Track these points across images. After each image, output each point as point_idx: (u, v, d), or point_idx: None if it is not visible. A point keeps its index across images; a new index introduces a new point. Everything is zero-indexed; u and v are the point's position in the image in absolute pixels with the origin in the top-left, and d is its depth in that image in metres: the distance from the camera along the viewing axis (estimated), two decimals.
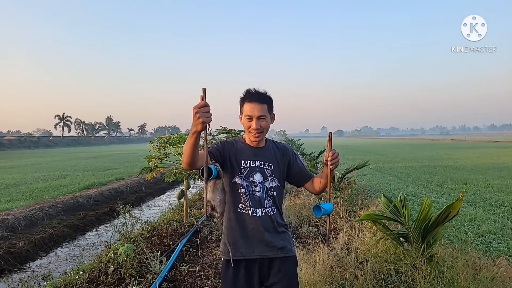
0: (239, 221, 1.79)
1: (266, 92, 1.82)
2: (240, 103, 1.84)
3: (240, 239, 1.78)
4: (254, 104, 1.75)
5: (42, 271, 5.47)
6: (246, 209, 1.79)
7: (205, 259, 4.33)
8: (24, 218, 7.64)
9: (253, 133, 1.79)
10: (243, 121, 1.82)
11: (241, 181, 1.80)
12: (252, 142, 1.86)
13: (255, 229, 1.78)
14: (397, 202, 3.39)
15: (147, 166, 5.98)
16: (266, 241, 1.79)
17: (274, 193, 1.84)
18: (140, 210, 10.01)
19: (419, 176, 12.12)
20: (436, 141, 65.91)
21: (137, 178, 13.32)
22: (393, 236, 3.37)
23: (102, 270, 3.91)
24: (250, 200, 1.79)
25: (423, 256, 3.15)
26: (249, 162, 1.82)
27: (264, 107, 1.77)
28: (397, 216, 3.41)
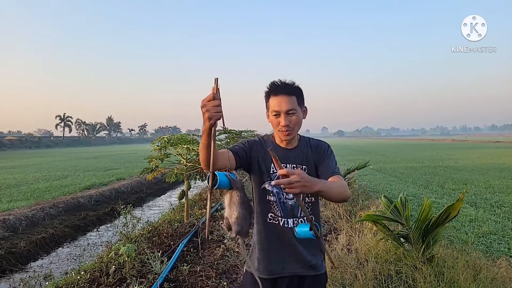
0: (269, 233, 1.61)
1: (294, 83, 1.58)
2: (265, 98, 1.63)
3: (270, 254, 1.61)
4: (281, 97, 1.53)
5: (43, 271, 5.49)
6: (276, 219, 1.60)
7: (206, 259, 4.34)
8: (25, 218, 7.66)
9: (282, 131, 1.57)
10: (270, 119, 1.61)
11: (271, 187, 1.60)
12: (282, 141, 1.66)
13: (287, 242, 1.58)
14: (397, 203, 3.40)
15: (148, 167, 5.99)
16: (298, 256, 1.60)
17: (312, 199, 1.64)
18: (141, 210, 10.03)
19: (420, 176, 12.12)
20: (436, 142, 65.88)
21: (138, 178, 13.33)
22: (394, 236, 3.38)
23: (104, 270, 3.93)
24: (281, 209, 1.59)
25: (423, 257, 3.16)
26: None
27: (293, 100, 1.55)
28: (398, 217, 3.42)
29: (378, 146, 46.76)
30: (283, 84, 1.57)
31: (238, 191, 1.35)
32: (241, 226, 1.34)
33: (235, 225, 1.33)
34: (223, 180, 1.30)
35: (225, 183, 1.31)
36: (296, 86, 1.58)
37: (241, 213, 1.33)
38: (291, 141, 1.66)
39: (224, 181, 1.30)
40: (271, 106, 1.58)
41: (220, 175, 1.30)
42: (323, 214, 5.56)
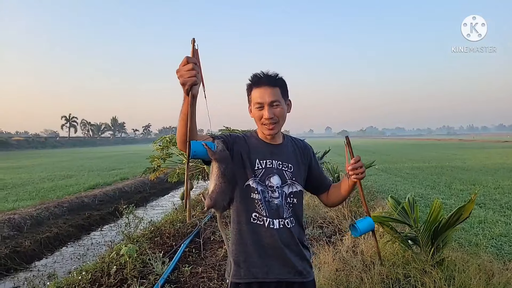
0: (252, 234, 1.48)
1: (278, 74, 1.51)
2: (247, 91, 1.55)
3: (253, 256, 1.47)
4: (264, 89, 1.46)
5: (48, 270, 5.48)
6: (261, 219, 1.48)
7: (208, 260, 4.27)
8: (30, 218, 7.66)
9: (266, 124, 1.49)
10: (253, 112, 1.53)
11: (255, 184, 1.48)
12: (266, 136, 1.56)
13: (272, 245, 1.47)
14: (405, 204, 3.29)
15: (150, 166, 5.94)
16: (284, 260, 1.48)
17: (294, 200, 1.53)
18: (144, 210, 10.00)
19: (426, 177, 11.95)
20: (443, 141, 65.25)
21: (141, 178, 13.32)
22: (401, 239, 3.28)
23: (105, 271, 3.88)
24: (266, 209, 1.48)
25: (432, 260, 3.05)
26: (264, 162, 1.52)
27: (277, 91, 1.48)
28: (405, 218, 3.32)
29: (383, 146, 46.38)
30: (265, 75, 1.49)
31: (218, 162, 1.26)
32: (215, 200, 1.24)
33: (208, 198, 1.25)
34: (199, 150, 1.23)
35: (201, 153, 1.24)
36: (280, 78, 1.51)
37: (218, 186, 1.24)
38: (275, 137, 1.57)
39: (200, 151, 1.23)
40: (253, 99, 1.50)
41: (195, 144, 1.23)
42: (328, 215, 5.47)
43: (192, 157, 1.24)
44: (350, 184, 1.52)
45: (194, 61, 1.18)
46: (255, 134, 1.62)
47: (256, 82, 1.49)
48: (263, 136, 1.58)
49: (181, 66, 1.17)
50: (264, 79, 1.48)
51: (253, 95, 1.50)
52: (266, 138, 1.57)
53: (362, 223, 1.52)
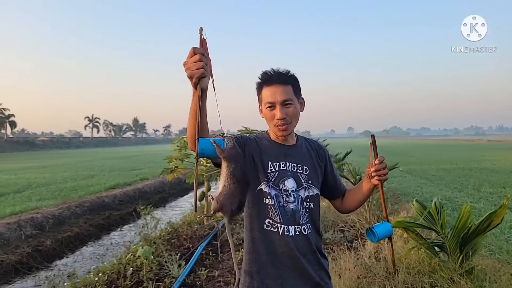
0: (266, 242, 1.37)
1: (289, 71, 1.41)
2: (257, 90, 1.46)
3: (267, 267, 1.36)
4: (276, 87, 1.37)
5: (68, 269, 5.56)
6: (275, 226, 1.37)
7: (225, 263, 4.19)
8: (52, 217, 7.83)
9: (278, 125, 1.40)
10: (264, 113, 1.43)
11: (268, 189, 1.37)
12: (278, 137, 1.46)
13: (287, 254, 1.36)
14: (431, 208, 3.10)
15: (168, 167, 5.91)
16: (301, 271, 1.37)
17: (311, 205, 1.42)
18: (163, 210, 10.07)
19: (453, 179, 11.49)
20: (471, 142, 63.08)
21: (160, 178, 13.45)
22: (428, 245, 3.09)
23: (121, 272, 3.86)
24: (280, 215, 1.36)
25: (461, 269, 2.86)
26: (278, 165, 1.42)
27: (289, 89, 1.38)
28: (432, 224, 3.13)
29: (407, 146, 45.22)
30: (276, 72, 1.40)
31: (227, 161, 1.16)
32: (222, 203, 1.13)
33: (215, 201, 1.15)
34: (207, 148, 1.14)
35: (210, 151, 1.15)
36: (291, 75, 1.41)
37: (226, 188, 1.14)
38: (288, 138, 1.48)
39: (207, 148, 1.14)
40: (264, 98, 1.40)
41: (203, 142, 1.14)
42: (349, 219, 5.28)
43: (200, 156, 1.15)
44: (370, 186, 1.45)
45: (202, 51, 1.10)
46: (266, 135, 1.52)
47: (267, 80, 1.40)
48: (275, 137, 1.48)
49: (188, 58, 1.10)
50: (275, 77, 1.39)
51: (263, 94, 1.41)
52: (279, 139, 1.48)
53: (380, 228, 1.43)
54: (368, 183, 1.46)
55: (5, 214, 7.57)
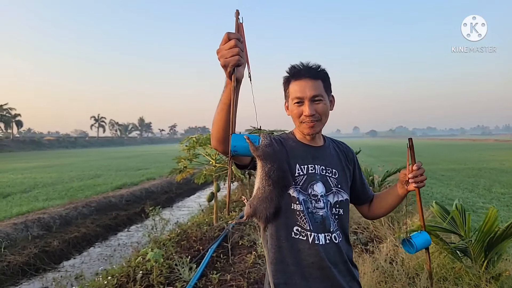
0: (293, 251, 1.26)
1: (320, 66, 1.32)
2: (284, 85, 1.38)
3: (295, 278, 1.25)
4: (305, 81, 1.28)
5: (75, 271, 5.49)
6: (304, 234, 1.25)
7: (237, 266, 4.07)
8: (59, 217, 7.78)
9: (306, 122, 1.30)
10: (290, 109, 1.34)
11: (297, 193, 1.26)
12: (305, 137, 1.37)
13: (318, 264, 1.24)
14: (454, 212, 2.97)
15: (177, 167, 5.82)
16: (332, 283, 1.25)
17: (340, 211, 1.32)
18: (170, 211, 9.99)
19: (463, 179, 11.32)
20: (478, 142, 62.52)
21: (167, 178, 13.39)
22: (451, 250, 2.95)
23: (131, 276, 3.76)
24: (310, 222, 1.25)
25: (487, 274, 2.72)
26: (306, 168, 1.31)
27: (319, 85, 1.29)
28: (454, 227, 3.00)
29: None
30: (306, 66, 1.31)
31: (261, 160, 1.04)
32: (256, 207, 1.03)
33: (248, 205, 1.04)
34: (240, 145, 1.02)
35: (242, 149, 1.03)
36: (322, 69, 1.33)
37: (260, 190, 1.03)
38: (316, 138, 1.39)
39: (240, 146, 1.03)
40: (291, 93, 1.32)
41: (235, 138, 1.02)
42: (362, 220, 5.15)
43: (233, 153, 1.03)
44: (405, 192, 1.39)
45: (237, 36, 0.98)
46: (292, 136, 1.42)
47: (295, 75, 1.31)
48: (302, 137, 1.38)
49: (221, 45, 0.98)
50: (304, 71, 1.30)
51: (291, 89, 1.33)
52: (306, 139, 1.38)
53: (418, 238, 1.32)
54: (402, 188, 1.38)
55: (12, 215, 7.53)
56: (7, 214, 7.59)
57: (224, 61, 0.98)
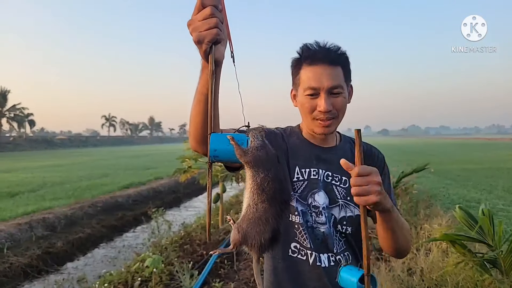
0: (292, 273, 1.05)
1: (340, 48, 1.04)
2: (293, 69, 1.10)
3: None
4: (322, 68, 1.01)
5: (78, 273, 5.34)
6: (303, 252, 1.04)
7: (241, 274, 3.84)
8: (64, 217, 7.67)
9: (320, 119, 1.04)
10: (300, 101, 1.08)
11: (295, 203, 1.05)
12: (315, 135, 1.10)
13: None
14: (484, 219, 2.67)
15: (181, 167, 5.61)
16: None
17: (348, 229, 1.06)
18: (177, 211, 9.84)
19: (480, 179, 10.87)
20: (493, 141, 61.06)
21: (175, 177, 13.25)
22: (479, 261, 2.65)
23: (129, 282, 3.55)
24: (310, 238, 1.04)
25: None
26: (307, 172, 1.08)
27: (338, 73, 1.03)
28: (482, 236, 2.70)
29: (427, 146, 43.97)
30: (323, 48, 1.03)
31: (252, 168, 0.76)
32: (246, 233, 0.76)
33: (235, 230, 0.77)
34: (222, 148, 0.77)
35: (226, 153, 0.77)
36: (343, 53, 1.05)
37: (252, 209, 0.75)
38: (328, 137, 1.12)
39: (223, 149, 0.77)
40: (303, 81, 1.04)
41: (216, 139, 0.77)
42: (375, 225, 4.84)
43: (213, 159, 0.78)
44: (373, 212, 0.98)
45: (215, 2, 0.73)
46: (297, 130, 1.17)
47: (310, 57, 1.03)
48: (309, 134, 1.13)
49: (194, 15, 0.74)
50: (321, 54, 1.02)
51: (303, 75, 1.05)
52: (314, 138, 1.11)
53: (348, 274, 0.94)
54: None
55: (17, 214, 7.44)
56: (13, 213, 7.50)
57: (197, 35, 0.74)
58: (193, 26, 0.74)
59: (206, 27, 0.73)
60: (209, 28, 0.73)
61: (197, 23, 0.74)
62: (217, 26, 0.73)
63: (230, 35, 0.81)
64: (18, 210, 7.79)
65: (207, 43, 0.74)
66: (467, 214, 3.00)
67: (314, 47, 1.04)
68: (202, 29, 0.74)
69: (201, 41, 0.74)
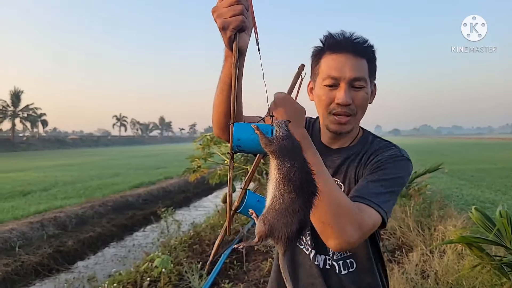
0: (294, 263, 1.05)
1: (367, 40, 0.97)
2: (312, 59, 1.03)
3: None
4: (345, 57, 0.94)
5: (88, 272, 5.36)
6: (306, 248, 1.04)
7: (251, 275, 3.79)
8: (75, 216, 7.73)
9: (337, 113, 0.96)
10: (317, 93, 1.00)
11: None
12: (330, 133, 1.01)
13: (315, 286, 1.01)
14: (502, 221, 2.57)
15: (190, 167, 5.58)
16: None
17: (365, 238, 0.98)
18: (187, 210, 9.86)
19: (495, 180, 10.63)
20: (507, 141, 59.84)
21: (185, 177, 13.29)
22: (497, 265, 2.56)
23: (138, 283, 3.53)
24: (311, 235, 1.02)
25: None
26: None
27: (363, 65, 0.96)
28: (500, 238, 2.61)
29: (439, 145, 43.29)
30: (348, 38, 0.96)
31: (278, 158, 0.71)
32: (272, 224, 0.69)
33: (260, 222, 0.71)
34: (246, 137, 0.73)
35: (249, 143, 0.73)
36: (370, 46, 0.98)
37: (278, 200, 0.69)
38: (343, 136, 1.03)
39: (246, 138, 0.73)
40: (323, 70, 0.97)
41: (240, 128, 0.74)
42: (388, 226, 4.75)
43: (235, 149, 0.75)
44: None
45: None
46: (318, 126, 1.10)
47: (333, 46, 0.97)
48: (324, 131, 1.05)
49: (219, 2, 0.73)
50: (345, 44, 0.96)
51: (323, 64, 0.97)
52: (326, 136, 1.04)
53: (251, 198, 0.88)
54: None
55: (29, 213, 7.53)
56: (25, 212, 7.59)
57: (222, 21, 0.72)
58: (218, 13, 0.73)
59: (232, 13, 0.72)
60: (234, 15, 0.72)
61: (222, 9, 0.73)
62: (243, 13, 0.72)
63: (256, 23, 0.79)
64: (30, 209, 7.89)
65: (232, 29, 0.73)
66: (483, 216, 2.91)
67: (339, 36, 0.97)
68: (227, 15, 0.72)
69: (226, 27, 0.73)
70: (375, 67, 1.01)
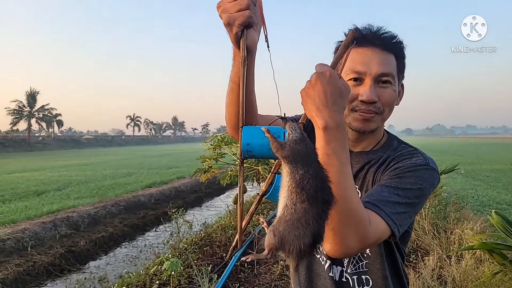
0: (309, 272, 1.00)
1: (396, 36, 0.91)
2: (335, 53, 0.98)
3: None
4: (372, 51, 0.88)
5: (100, 272, 5.39)
6: (322, 257, 0.99)
7: (262, 278, 3.73)
8: (88, 216, 7.79)
9: (361, 111, 0.89)
10: None
11: None
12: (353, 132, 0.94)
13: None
14: None
15: (201, 167, 5.54)
16: None
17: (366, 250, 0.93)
18: (199, 210, 9.85)
19: (511, 181, 10.31)
20: None
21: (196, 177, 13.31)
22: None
23: (147, 285, 3.51)
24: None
25: None
26: None
27: (391, 60, 0.89)
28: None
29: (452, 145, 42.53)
30: (376, 33, 0.90)
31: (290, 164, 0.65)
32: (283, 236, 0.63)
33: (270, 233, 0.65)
34: (256, 142, 0.70)
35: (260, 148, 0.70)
36: (399, 41, 0.92)
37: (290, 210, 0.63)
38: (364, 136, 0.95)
39: (256, 143, 0.70)
40: (347, 64, 0.87)
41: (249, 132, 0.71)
42: None
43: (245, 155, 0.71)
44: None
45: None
46: None
47: (359, 39, 0.88)
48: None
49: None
50: (373, 37, 0.89)
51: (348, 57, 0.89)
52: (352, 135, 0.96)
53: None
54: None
55: (42, 213, 7.61)
56: (38, 212, 7.67)
57: (227, 17, 0.67)
58: (223, 8, 0.68)
59: (237, 8, 0.67)
60: (240, 10, 0.67)
61: (227, 4, 0.68)
62: (249, 8, 0.66)
63: (264, 19, 0.73)
64: (43, 209, 7.97)
65: (238, 25, 0.67)
66: (504, 220, 2.78)
67: (366, 30, 0.91)
68: (232, 10, 0.67)
69: (232, 23, 0.67)
70: (404, 64, 0.94)
